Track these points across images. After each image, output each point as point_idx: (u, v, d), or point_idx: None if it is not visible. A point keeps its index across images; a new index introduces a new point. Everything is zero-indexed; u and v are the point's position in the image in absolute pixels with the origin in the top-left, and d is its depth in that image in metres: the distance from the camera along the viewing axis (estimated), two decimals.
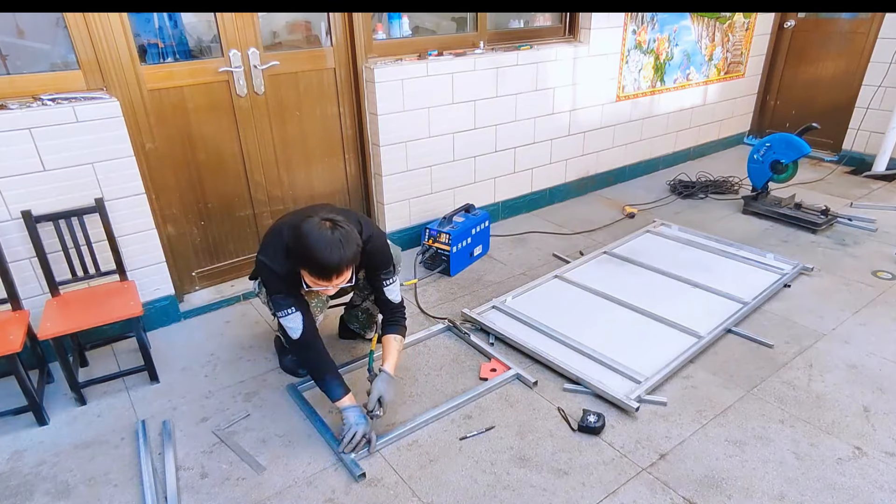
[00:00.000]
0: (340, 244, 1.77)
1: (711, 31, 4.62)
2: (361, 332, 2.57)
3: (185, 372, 2.46)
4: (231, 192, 2.93)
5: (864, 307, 2.82)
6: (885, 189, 4.34)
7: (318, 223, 1.80)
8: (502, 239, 3.66)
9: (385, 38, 3.20)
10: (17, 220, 2.24)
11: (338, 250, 1.77)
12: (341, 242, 1.78)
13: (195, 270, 2.97)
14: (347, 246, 1.79)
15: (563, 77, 3.81)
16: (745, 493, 1.83)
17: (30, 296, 2.37)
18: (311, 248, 1.76)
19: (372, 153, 3.26)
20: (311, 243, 1.76)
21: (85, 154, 2.32)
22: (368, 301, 2.41)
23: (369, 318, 2.47)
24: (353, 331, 2.59)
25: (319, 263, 1.78)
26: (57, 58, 2.35)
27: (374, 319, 2.48)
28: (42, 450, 2.06)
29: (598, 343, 2.52)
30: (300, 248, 1.79)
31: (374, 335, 2.30)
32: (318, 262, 1.77)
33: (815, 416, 2.14)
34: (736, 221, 3.88)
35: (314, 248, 1.76)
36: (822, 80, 5.02)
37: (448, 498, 1.84)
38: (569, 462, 1.96)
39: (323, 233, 1.77)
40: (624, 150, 4.50)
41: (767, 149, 3.84)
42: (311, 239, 1.76)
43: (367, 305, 2.43)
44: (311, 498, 1.85)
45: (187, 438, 2.10)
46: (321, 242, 1.76)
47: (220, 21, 2.62)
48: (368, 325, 2.50)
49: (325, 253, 1.76)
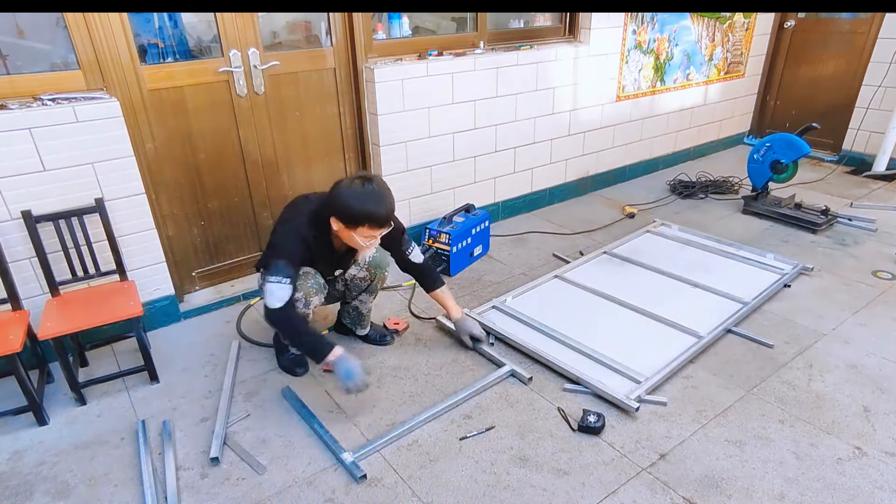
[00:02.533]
0: (383, 191, 2.00)
1: (711, 31, 4.62)
2: (352, 328, 2.63)
3: (185, 372, 2.46)
4: (231, 192, 2.93)
5: (864, 307, 2.82)
6: (885, 189, 4.34)
7: (354, 183, 1.98)
8: (502, 239, 3.66)
9: (385, 38, 3.20)
10: (17, 220, 2.24)
11: (387, 195, 2.01)
12: (382, 190, 2.00)
13: (195, 270, 2.97)
14: (387, 190, 2.02)
15: (563, 77, 3.81)
16: (745, 493, 1.83)
17: (30, 296, 2.37)
18: (367, 201, 1.95)
19: (372, 153, 3.26)
20: (362, 198, 1.95)
21: (85, 154, 2.32)
22: (358, 300, 2.51)
23: (359, 315, 2.56)
24: (347, 325, 2.65)
25: (378, 213, 1.97)
26: (57, 58, 2.35)
27: (363, 316, 2.56)
28: (42, 450, 2.06)
29: (598, 343, 2.52)
30: (355, 208, 1.95)
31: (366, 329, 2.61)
32: (376, 212, 1.97)
33: (815, 416, 2.14)
34: (736, 221, 3.88)
35: (370, 201, 1.95)
36: (822, 80, 5.02)
37: (448, 498, 1.84)
38: (569, 462, 1.96)
39: (367, 187, 1.97)
40: (624, 150, 4.50)
41: (767, 149, 3.84)
42: (363, 196, 1.95)
43: (357, 304, 2.52)
44: (311, 498, 1.85)
45: (187, 438, 2.10)
46: (373, 195, 1.96)
47: (220, 21, 2.62)
48: (359, 321, 2.58)
49: (378, 201, 1.97)
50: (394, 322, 2.72)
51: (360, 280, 2.43)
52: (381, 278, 2.46)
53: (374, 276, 2.43)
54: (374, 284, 2.47)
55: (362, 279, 2.43)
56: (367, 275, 2.42)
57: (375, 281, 2.45)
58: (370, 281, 2.44)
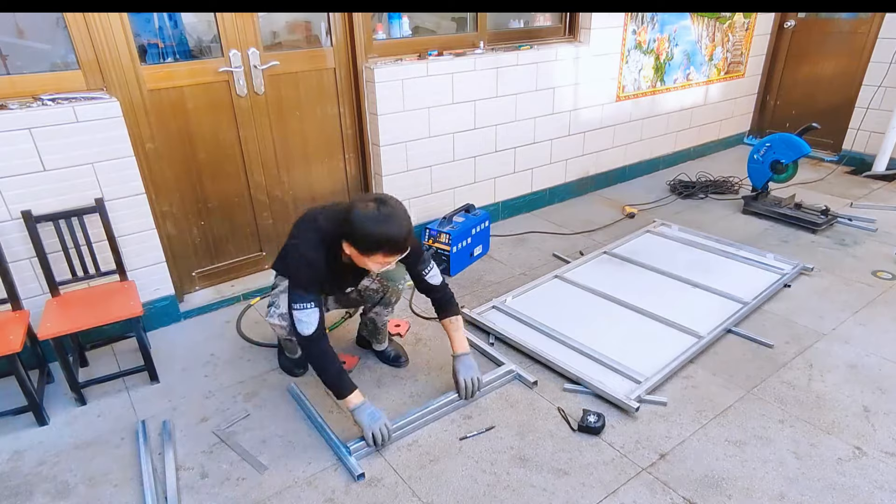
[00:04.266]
0: (400, 216, 1.87)
1: (711, 31, 4.62)
2: (370, 341, 2.53)
3: (185, 372, 2.46)
4: (231, 192, 2.93)
5: (864, 307, 2.82)
6: (885, 189, 4.34)
7: (368, 206, 1.84)
8: (502, 239, 3.66)
9: (385, 38, 3.20)
10: (17, 220, 2.24)
11: (403, 221, 1.86)
12: (398, 214, 1.87)
13: (195, 270, 2.97)
14: (404, 214, 1.89)
15: (563, 77, 3.81)
16: (745, 493, 1.83)
17: (30, 296, 2.37)
18: (382, 227, 1.82)
19: (372, 153, 3.26)
20: (378, 224, 1.82)
21: (85, 154, 2.32)
22: (373, 312, 2.39)
23: (376, 328, 2.45)
24: (365, 338, 2.56)
25: (393, 242, 1.84)
26: (57, 58, 2.35)
27: (379, 329, 2.45)
28: (42, 450, 2.06)
29: (598, 343, 2.52)
30: (369, 238, 1.83)
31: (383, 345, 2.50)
32: (391, 242, 1.84)
33: (815, 416, 2.14)
34: (736, 221, 3.88)
35: (385, 227, 1.82)
36: (822, 80, 5.02)
37: (448, 498, 1.84)
38: (569, 462, 1.96)
39: (382, 211, 1.83)
40: (624, 150, 4.50)
41: (767, 149, 3.84)
42: (376, 221, 1.82)
43: (373, 316, 2.40)
44: (311, 498, 1.85)
45: (187, 438, 2.10)
46: (387, 222, 1.82)
47: (220, 21, 2.62)
48: (375, 335, 2.47)
49: (394, 228, 1.83)
50: (395, 324, 2.72)
51: (373, 292, 2.31)
52: (395, 291, 2.31)
53: (387, 288, 2.30)
54: (388, 297, 2.33)
55: (375, 291, 2.31)
56: (379, 286, 2.30)
57: (389, 294, 2.31)
58: (382, 294, 2.31)
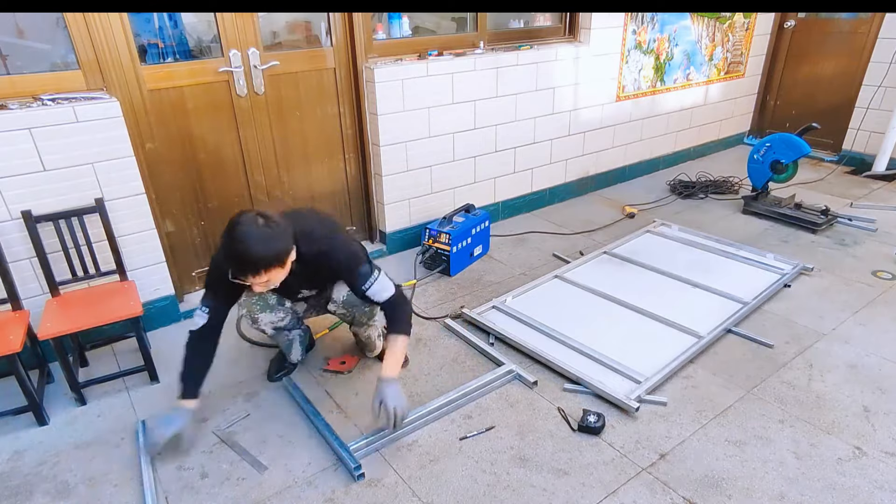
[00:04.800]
0: (261, 240, 1.68)
1: (711, 31, 4.62)
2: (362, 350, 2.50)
3: None
4: (231, 192, 2.93)
5: (864, 307, 2.82)
6: (885, 189, 4.34)
7: (252, 216, 1.71)
8: (502, 239, 3.66)
9: (385, 38, 3.20)
10: (17, 220, 2.24)
11: (255, 245, 1.67)
12: (262, 239, 1.68)
13: (195, 270, 2.97)
14: (265, 244, 1.68)
15: (563, 77, 3.81)
16: (745, 493, 1.83)
17: (30, 296, 2.37)
18: (233, 239, 1.68)
19: (372, 153, 3.26)
20: (233, 234, 1.68)
21: (85, 154, 2.32)
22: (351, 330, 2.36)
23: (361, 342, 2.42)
24: None
25: (235, 256, 1.69)
26: (57, 58, 2.35)
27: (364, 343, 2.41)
28: (42, 450, 2.06)
29: (598, 343, 2.52)
30: (224, 237, 1.71)
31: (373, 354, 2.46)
32: (234, 254, 1.69)
33: (815, 416, 2.14)
34: (736, 221, 3.87)
35: (234, 240, 1.67)
36: (822, 80, 5.02)
37: (448, 498, 1.84)
38: (569, 462, 1.96)
39: (249, 226, 1.68)
40: (624, 150, 4.50)
41: (767, 149, 3.84)
42: (235, 230, 1.68)
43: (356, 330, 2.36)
44: (311, 498, 1.85)
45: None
46: (243, 235, 1.66)
47: (220, 21, 2.62)
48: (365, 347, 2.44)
49: (241, 246, 1.67)
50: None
51: (342, 315, 2.25)
52: (361, 314, 2.21)
53: (352, 314, 2.21)
54: (358, 319, 2.24)
55: (343, 315, 2.24)
56: (345, 312, 2.20)
57: (358, 317, 2.22)
58: (350, 318, 2.24)
